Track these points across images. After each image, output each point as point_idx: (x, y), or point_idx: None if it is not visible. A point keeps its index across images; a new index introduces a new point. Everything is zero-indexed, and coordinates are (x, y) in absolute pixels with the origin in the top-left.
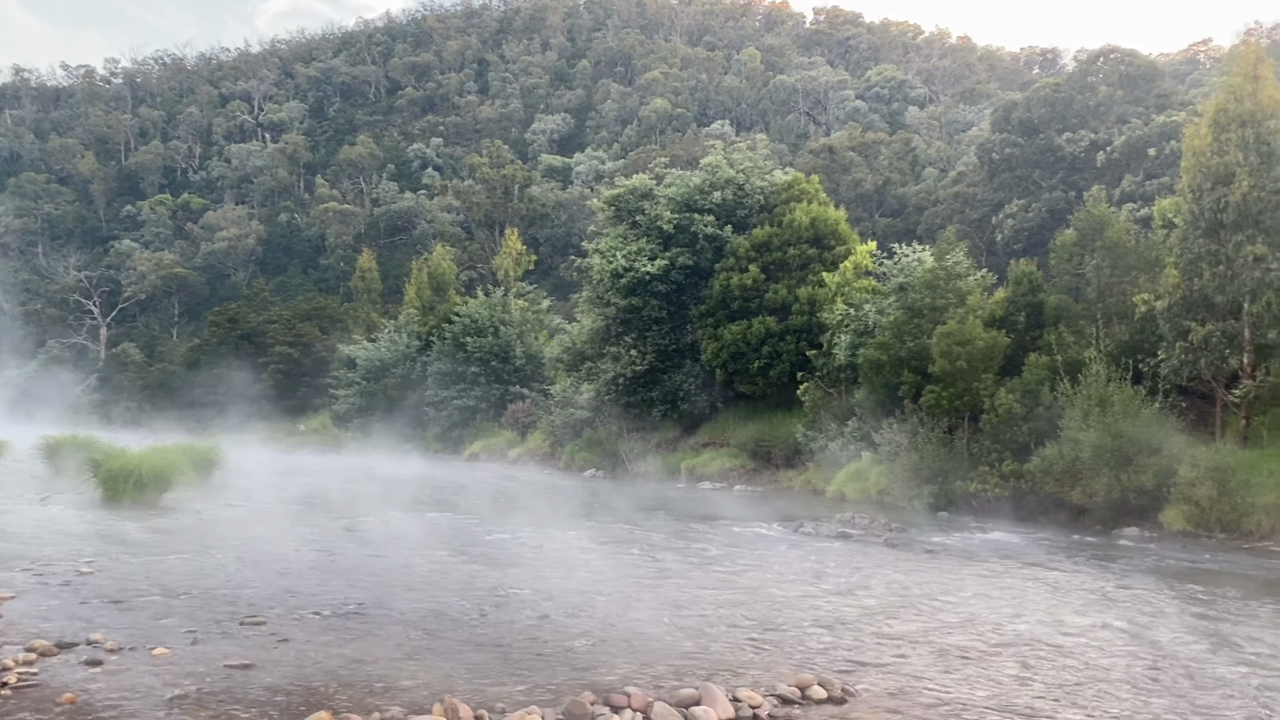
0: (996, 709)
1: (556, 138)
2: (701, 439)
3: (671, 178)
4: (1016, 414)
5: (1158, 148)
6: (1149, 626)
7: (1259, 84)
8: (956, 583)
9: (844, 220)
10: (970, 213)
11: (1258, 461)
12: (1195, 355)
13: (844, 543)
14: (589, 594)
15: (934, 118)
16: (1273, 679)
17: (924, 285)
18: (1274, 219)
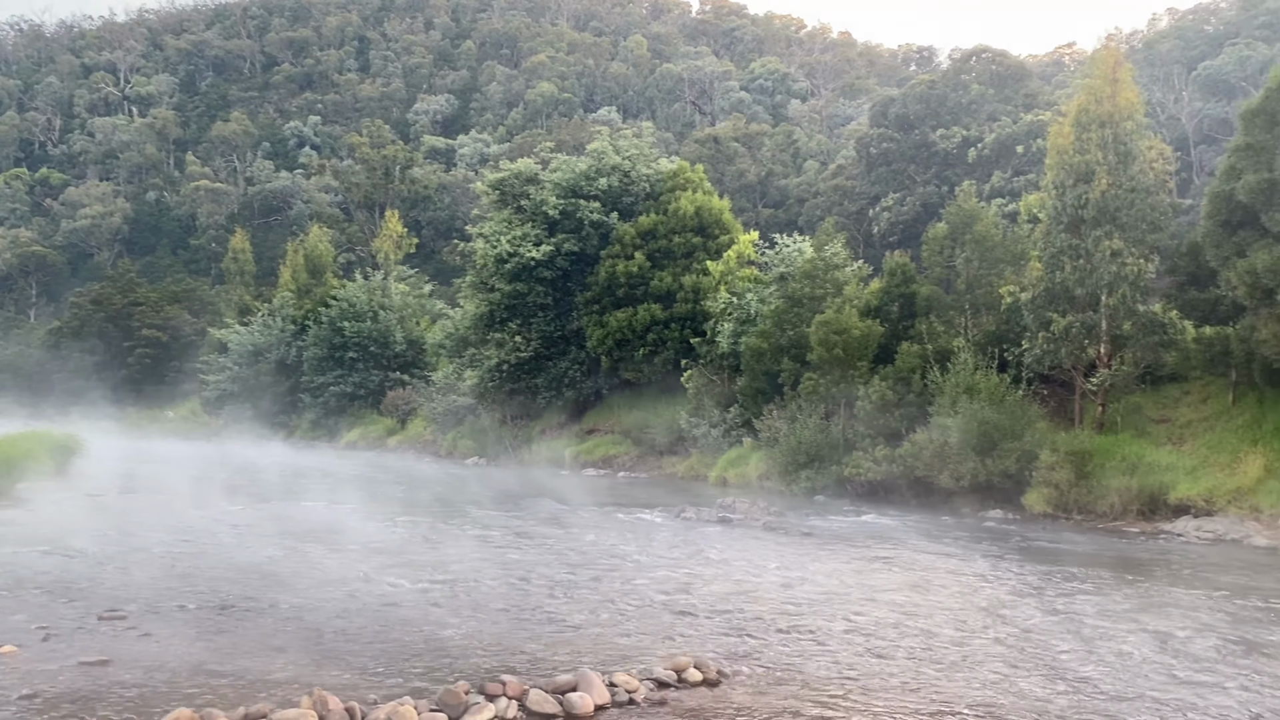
0: (866, 687)
1: (440, 119)
2: (586, 426)
3: (557, 163)
4: (890, 401)
5: (1025, 145)
6: (1010, 604)
7: (1117, 86)
8: (830, 565)
9: (728, 210)
10: (849, 205)
11: (1112, 447)
12: (1056, 345)
13: (724, 527)
14: (465, 583)
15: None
16: (1124, 649)
17: (803, 275)
18: (1130, 215)
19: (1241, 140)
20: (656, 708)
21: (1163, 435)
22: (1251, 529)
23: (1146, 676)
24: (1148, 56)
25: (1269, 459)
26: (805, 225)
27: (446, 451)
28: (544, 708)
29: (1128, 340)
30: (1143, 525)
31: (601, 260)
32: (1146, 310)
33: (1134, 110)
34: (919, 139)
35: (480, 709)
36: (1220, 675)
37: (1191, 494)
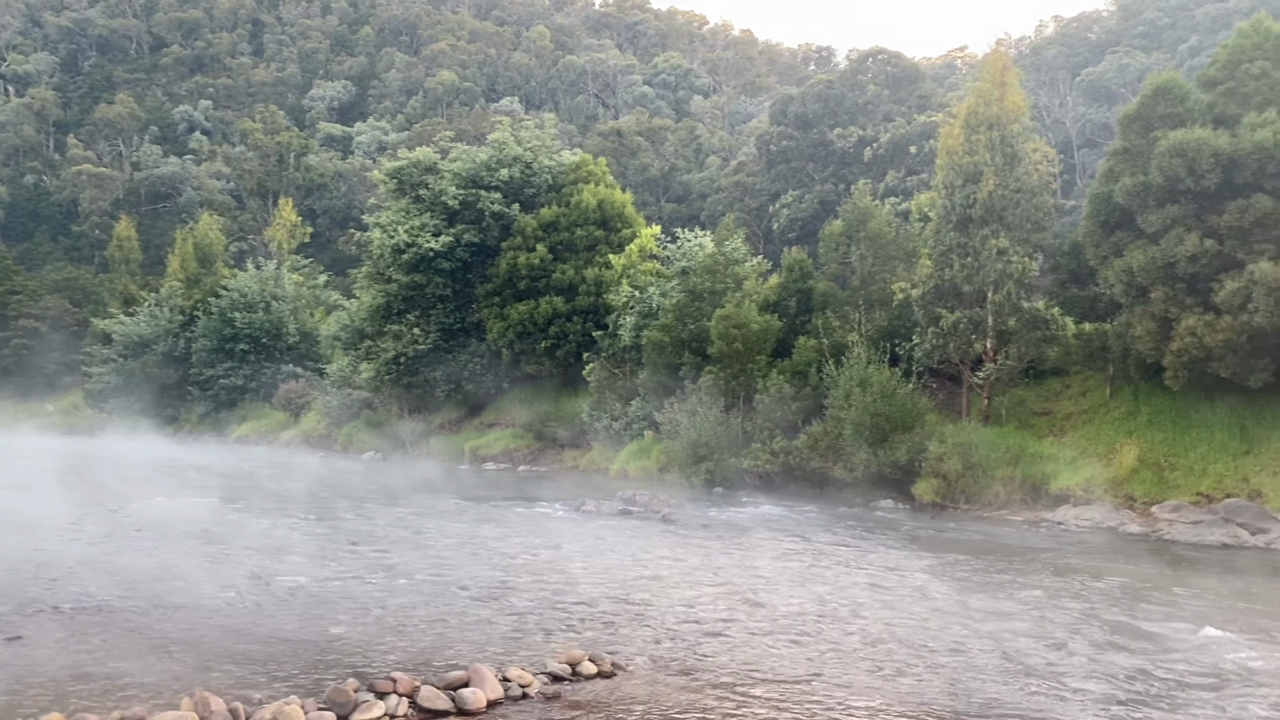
0: (760, 677)
1: (336, 106)
2: (486, 420)
3: (457, 152)
4: (787, 394)
5: (918, 146)
6: (897, 592)
7: (1005, 90)
8: (726, 555)
9: (630, 203)
10: (749, 201)
11: (997, 438)
12: (945, 340)
13: (624, 520)
14: (357, 580)
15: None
16: (1003, 633)
17: (705, 270)
18: (1015, 215)
19: (1119, 145)
20: (550, 701)
21: (1044, 427)
22: (1126, 517)
23: (1020, 656)
24: (1035, 62)
25: (1142, 450)
26: (707, 220)
27: (342, 446)
28: (435, 704)
29: (1012, 336)
30: (1025, 514)
31: (502, 252)
32: (1030, 307)
33: (1020, 113)
34: (817, 137)
35: (370, 707)
36: (1082, 655)
37: (1071, 484)
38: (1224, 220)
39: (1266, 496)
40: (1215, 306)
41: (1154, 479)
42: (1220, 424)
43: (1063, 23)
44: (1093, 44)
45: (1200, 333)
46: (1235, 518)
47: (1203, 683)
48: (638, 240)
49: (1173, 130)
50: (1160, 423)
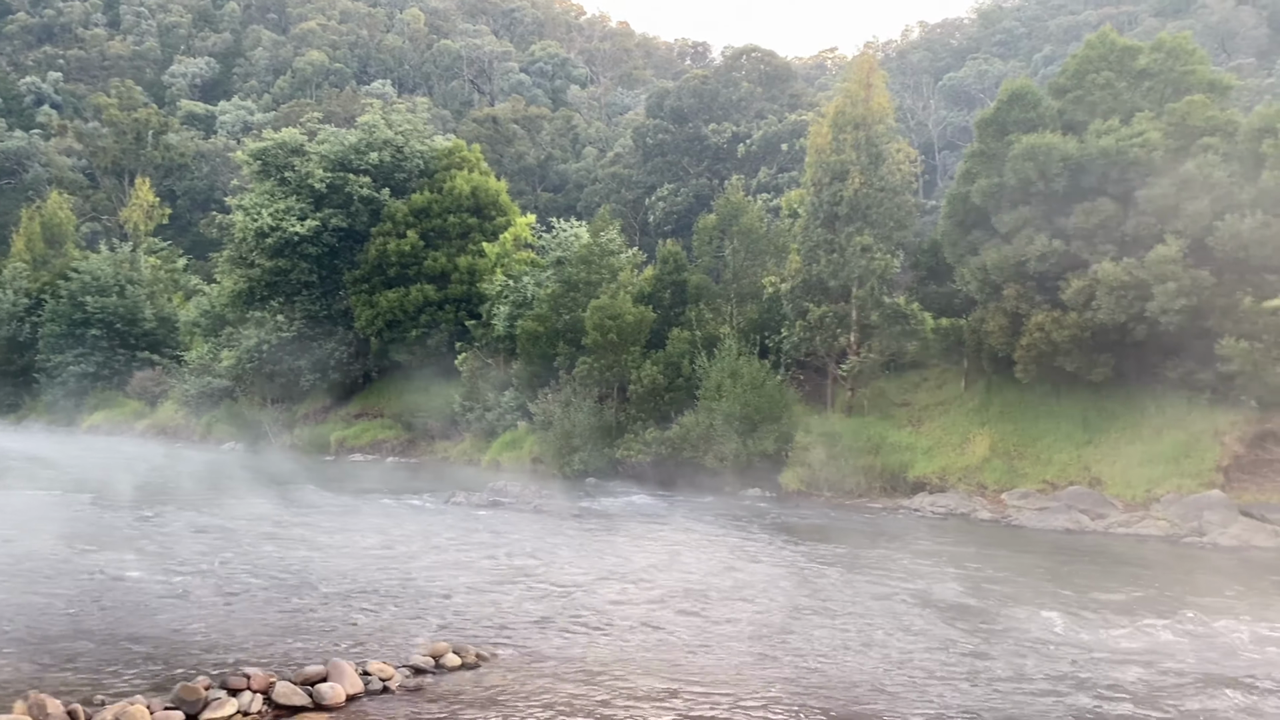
0: (624, 664)
1: (199, 83)
2: (354, 410)
3: (325, 134)
4: (660, 385)
5: (789, 143)
6: (760, 578)
7: (871, 91)
8: (597, 544)
9: (505, 191)
10: (626, 193)
11: (859, 429)
12: (812, 333)
13: (495, 511)
14: (213, 575)
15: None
16: (856, 615)
17: (580, 260)
18: (879, 214)
19: (976, 147)
20: (411, 694)
21: (904, 418)
22: (978, 504)
23: (871, 635)
24: (900, 65)
25: (994, 440)
26: (584, 211)
27: (201, 436)
28: (292, 700)
29: (875, 330)
30: (885, 501)
31: (372, 238)
32: (892, 302)
33: (885, 114)
34: (693, 132)
35: (221, 704)
36: (929, 634)
37: (927, 472)
38: (1071, 222)
39: (1106, 484)
40: (1062, 304)
41: (1004, 467)
42: (1065, 415)
43: (927, 28)
44: (955, 50)
45: (1048, 329)
46: (1077, 504)
47: (1039, 660)
48: (512, 229)
49: (1025, 135)
50: (1011, 414)
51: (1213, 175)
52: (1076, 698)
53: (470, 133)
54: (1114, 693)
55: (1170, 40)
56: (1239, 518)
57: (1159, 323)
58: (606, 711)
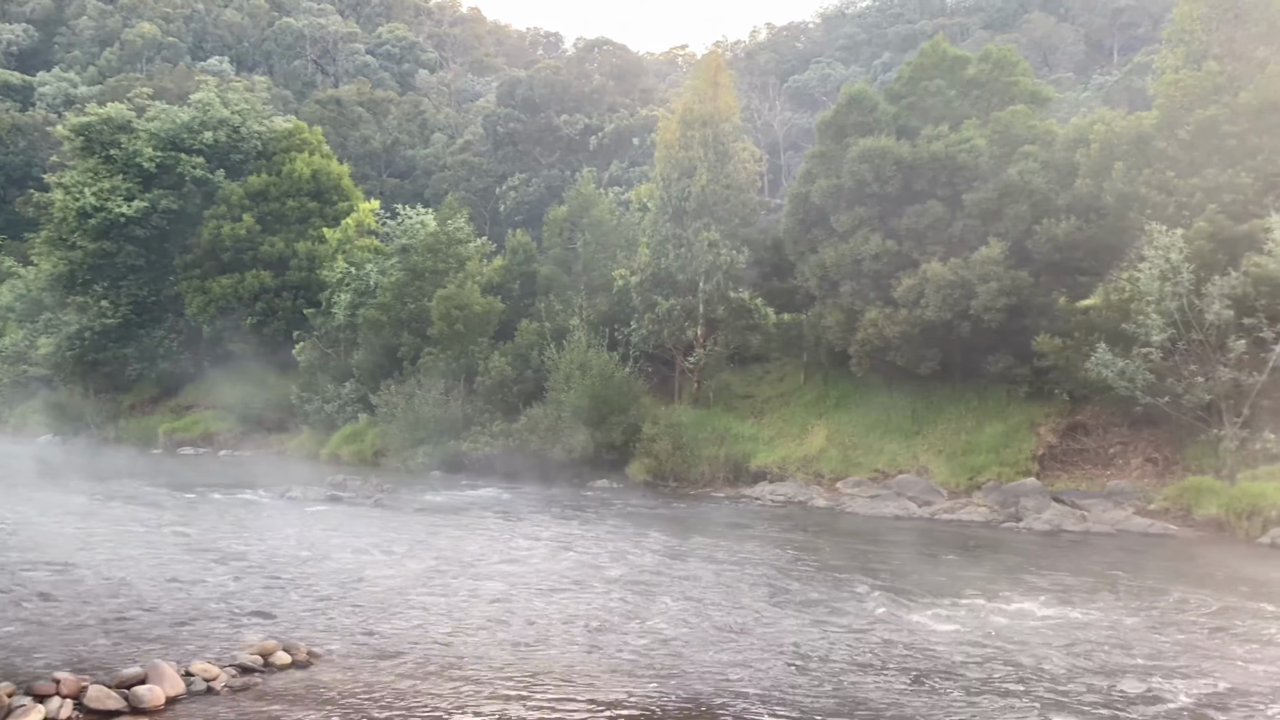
0: (460, 660)
1: (15, 51)
2: (184, 401)
3: (156, 111)
4: (508, 376)
5: (641, 138)
6: (604, 566)
7: (718, 90)
8: (439, 539)
9: (348, 176)
10: (476, 181)
11: (705, 420)
12: (660, 326)
13: (333, 505)
14: (23, 574)
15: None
16: (694, 600)
17: (426, 248)
18: (726, 210)
19: (817, 149)
20: (237, 695)
21: (747, 410)
22: (815, 492)
23: (709, 620)
24: (748, 66)
25: (830, 430)
26: (432, 198)
27: (14, 428)
28: (106, 704)
29: (721, 323)
30: (728, 490)
31: (205, 221)
32: (737, 297)
33: (732, 113)
34: (544, 122)
35: (26, 712)
36: (763, 617)
37: (768, 462)
38: (903, 223)
39: (933, 472)
40: (894, 301)
41: (840, 457)
42: (896, 407)
43: (774, 31)
44: (800, 53)
45: (881, 324)
46: (906, 492)
47: (866, 641)
48: (355, 214)
49: (862, 138)
50: (846, 406)
51: (1032, 181)
52: (901, 676)
53: (312, 114)
54: (936, 670)
55: (997, 52)
56: (1051, 504)
57: (982, 320)
58: (443, 706)
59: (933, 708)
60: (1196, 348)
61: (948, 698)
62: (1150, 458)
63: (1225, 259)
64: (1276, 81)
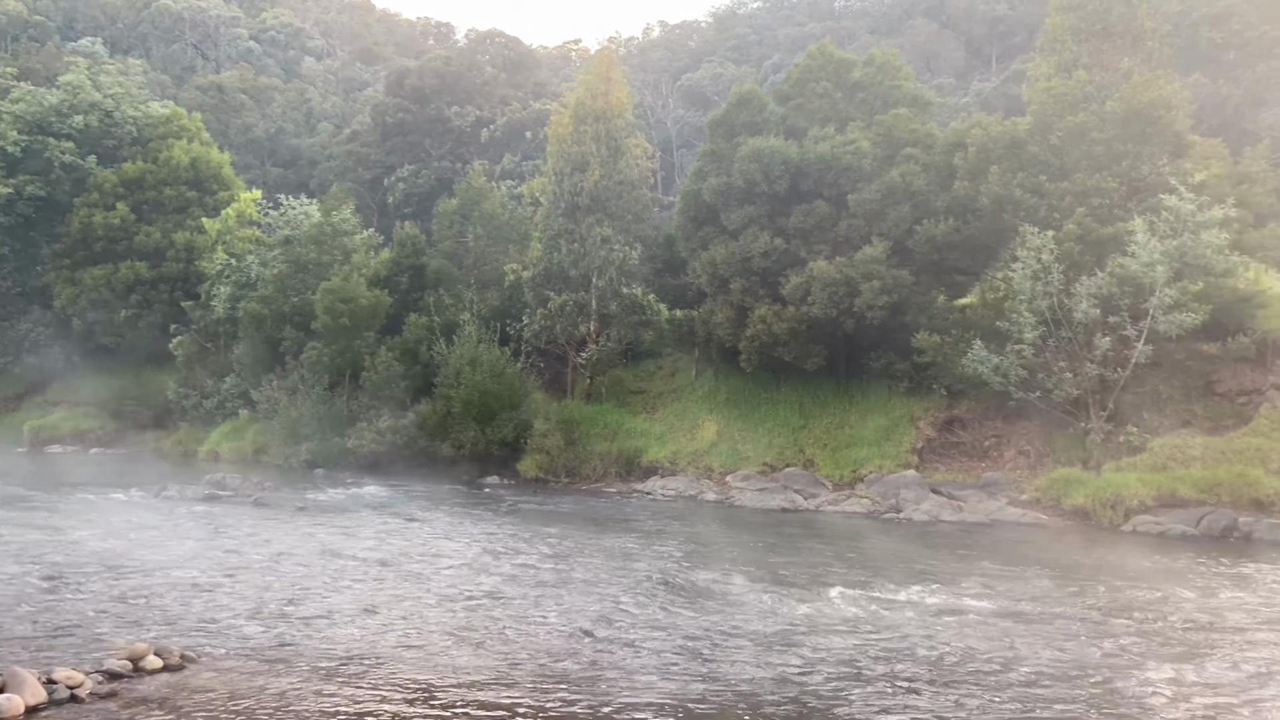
0: (339, 659)
1: None
2: (52, 398)
3: (21, 93)
4: (396, 372)
5: (533, 131)
6: (489, 562)
7: (610, 86)
8: (321, 537)
9: (229, 164)
10: (364, 172)
11: (598, 415)
12: (553, 321)
13: (211, 505)
14: None
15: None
16: (578, 594)
17: (310, 240)
18: (619, 205)
19: (708, 147)
20: (103, 701)
21: (639, 405)
22: (705, 486)
23: (590, 615)
24: (642, 63)
25: (721, 425)
26: (317, 189)
27: None
28: None
29: (613, 319)
30: (620, 485)
31: (75, 209)
32: (630, 293)
33: (624, 109)
34: (435, 113)
35: None
36: (647, 609)
37: (660, 457)
38: (791, 222)
39: (818, 465)
40: (782, 298)
41: (729, 451)
42: (784, 402)
43: (667, 28)
44: (692, 51)
45: (770, 321)
46: (793, 485)
47: (749, 630)
48: (236, 204)
49: (752, 138)
50: (736, 401)
51: (913, 183)
52: (784, 663)
53: (192, 100)
54: (817, 657)
55: (881, 56)
56: (930, 495)
57: (865, 317)
58: (324, 707)
59: (820, 692)
60: (1065, 345)
61: (835, 683)
62: (1023, 450)
63: (1092, 260)
64: (1140, 91)
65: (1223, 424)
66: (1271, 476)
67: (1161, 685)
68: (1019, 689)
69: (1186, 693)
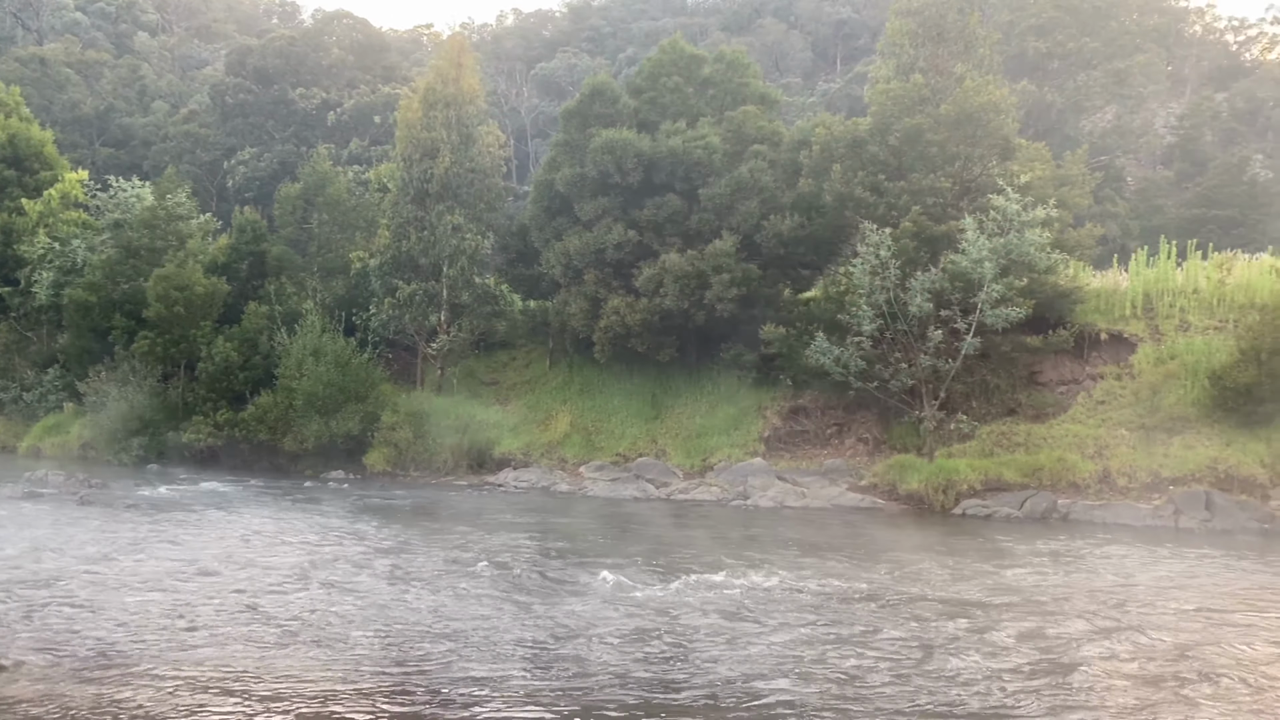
0: (174, 666)
1: None
2: None
3: None
4: (234, 363)
5: (383, 116)
6: (331, 561)
7: (462, 71)
8: (153, 536)
9: (52, 142)
10: (202, 154)
11: (448, 407)
12: (402, 311)
13: (31, 504)
14: None
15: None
16: (439, 590)
17: (142, 224)
18: (470, 194)
19: (561, 137)
20: None
21: (492, 397)
22: (559, 477)
23: (448, 615)
24: (495, 50)
25: (574, 416)
26: (152, 170)
27: None
28: None
29: (465, 309)
30: (471, 478)
31: None
32: (482, 282)
33: (476, 96)
34: (278, 95)
35: None
36: (507, 605)
37: (513, 449)
38: (644, 214)
39: (670, 455)
40: (635, 290)
41: (583, 442)
42: (637, 393)
43: (521, 16)
44: (547, 41)
45: (623, 312)
46: (645, 474)
47: (605, 618)
48: (60, 185)
49: (605, 129)
50: (590, 392)
51: (761, 179)
52: (638, 648)
53: (10, 73)
54: (671, 641)
55: (730, 54)
56: (776, 482)
57: (715, 309)
58: (151, 716)
59: (670, 672)
60: (902, 337)
61: (683, 663)
62: (862, 438)
63: (927, 256)
64: (972, 95)
65: (1045, 412)
66: (1087, 461)
67: (976, 660)
68: (852, 663)
69: (997, 668)
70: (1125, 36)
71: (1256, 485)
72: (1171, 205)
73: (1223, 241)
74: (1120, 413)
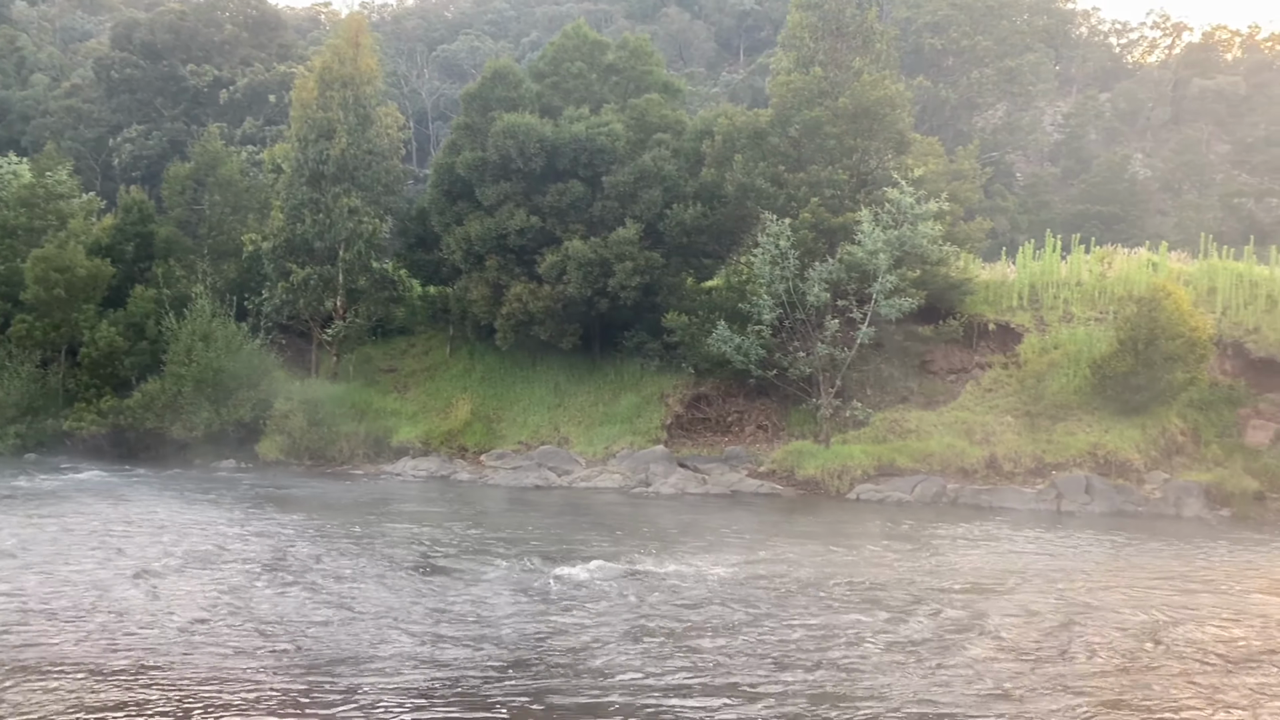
0: (66, 660)
1: None
2: None
3: None
4: (119, 348)
5: (278, 95)
6: (235, 552)
7: (360, 51)
8: (29, 529)
9: None
10: (86, 131)
11: (345, 395)
12: (296, 295)
13: None
14: None
15: (47, 19)
16: (337, 579)
17: (19, 202)
18: (368, 175)
19: (462, 120)
20: None
21: (390, 384)
22: (459, 466)
23: (350, 603)
24: (396, 31)
25: (476, 404)
26: (31, 146)
27: None
28: None
29: (362, 294)
30: (368, 467)
31: None
32: (380, 267)
33: (374, 76)
34: (168, 70)
35: None
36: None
37: (411, 437)
38: (547, 200)
39: (573, 443)
40: (538, 277)
41: (484, 430)
42: (540, 380)
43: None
44: (449, 23)
45: (525, 299)
46: (547, 462)
47: (502, 606)
48: None
49: (508, 113)
50: (492, 379)
51: (664, 168)
52: (539, 631)
53: None
54: (571, 624)
55: (634, 41)
56: (677, 469)
57: (619, 297)
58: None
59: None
60: (800, 326)
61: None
62: (762, 425)
63: (825, 247)
64: (869, 89)
65: (935, 399)
66: (975, 447)
67: (870, 636)
68: (746, 641)
69: (892, 640)
70: (1016, 35)
71: (1132, 469)
72: (1058, 201)
73: (1105, 236)
74: (1006, 400)
